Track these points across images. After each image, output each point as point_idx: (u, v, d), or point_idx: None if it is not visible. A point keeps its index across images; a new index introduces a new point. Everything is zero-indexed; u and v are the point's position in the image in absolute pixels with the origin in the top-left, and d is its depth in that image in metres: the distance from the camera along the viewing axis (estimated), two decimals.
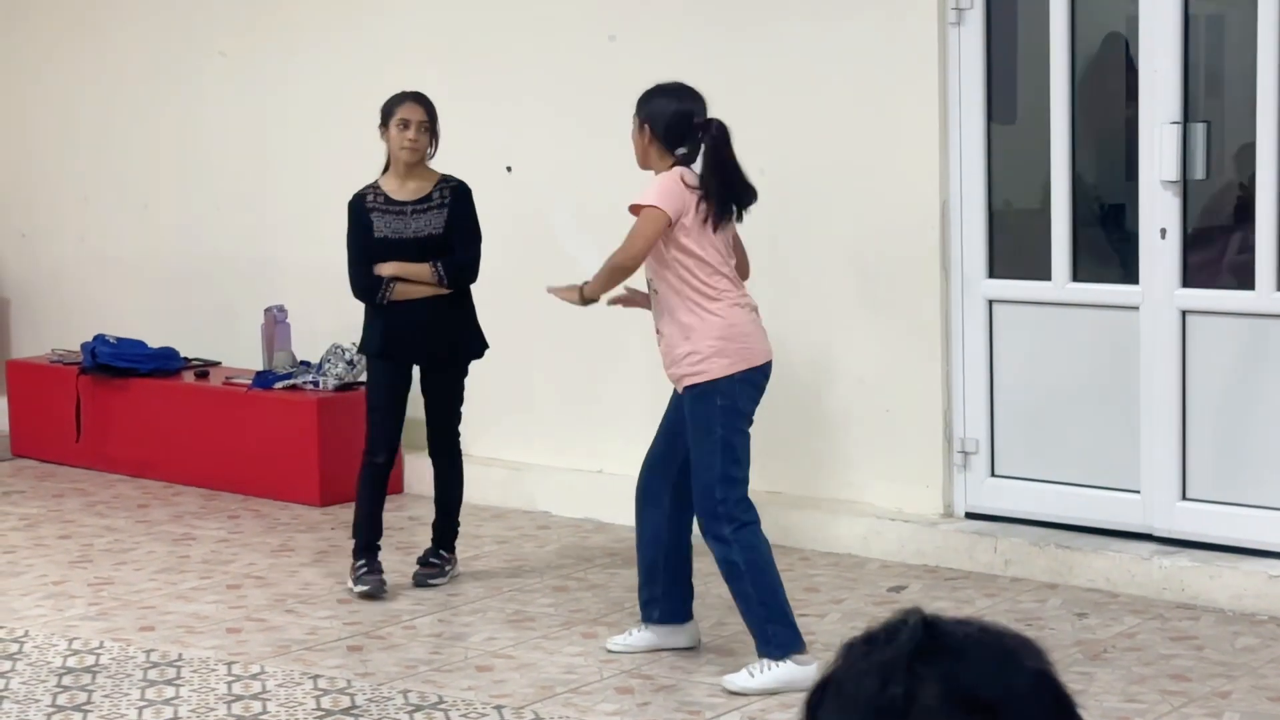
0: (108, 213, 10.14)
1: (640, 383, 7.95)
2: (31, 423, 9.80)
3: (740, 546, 5.96)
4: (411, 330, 6.99)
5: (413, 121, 6.98)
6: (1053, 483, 7.26)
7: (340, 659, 6.32)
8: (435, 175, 7.09)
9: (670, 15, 7.97)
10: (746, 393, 6.04)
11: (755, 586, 5.96)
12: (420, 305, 6.98)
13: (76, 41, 10.15)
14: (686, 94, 6.16)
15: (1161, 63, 6.85)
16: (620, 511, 8.03)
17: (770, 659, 5.94)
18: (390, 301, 6.97)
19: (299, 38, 9.25)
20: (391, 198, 7.03)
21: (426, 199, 7.03)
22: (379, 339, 7.05)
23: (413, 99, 7.04)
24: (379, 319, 7.04)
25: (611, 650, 6.35)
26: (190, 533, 8.18)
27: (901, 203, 7.43)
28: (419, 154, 7.01)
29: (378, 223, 7.00)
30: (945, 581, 7.10)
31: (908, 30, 7.35)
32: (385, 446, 7.12)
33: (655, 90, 6.20)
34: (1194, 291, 6.90)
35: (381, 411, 7.11)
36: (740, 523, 5.99)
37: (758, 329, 6.09)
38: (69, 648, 6.48)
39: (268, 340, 9.09)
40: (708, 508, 6.02)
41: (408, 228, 6.99)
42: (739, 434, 6.03)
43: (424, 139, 7.00)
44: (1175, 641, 6.33)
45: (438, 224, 7.00)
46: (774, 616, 5.96)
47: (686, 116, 6.09)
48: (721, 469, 5.98)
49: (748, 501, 6.06)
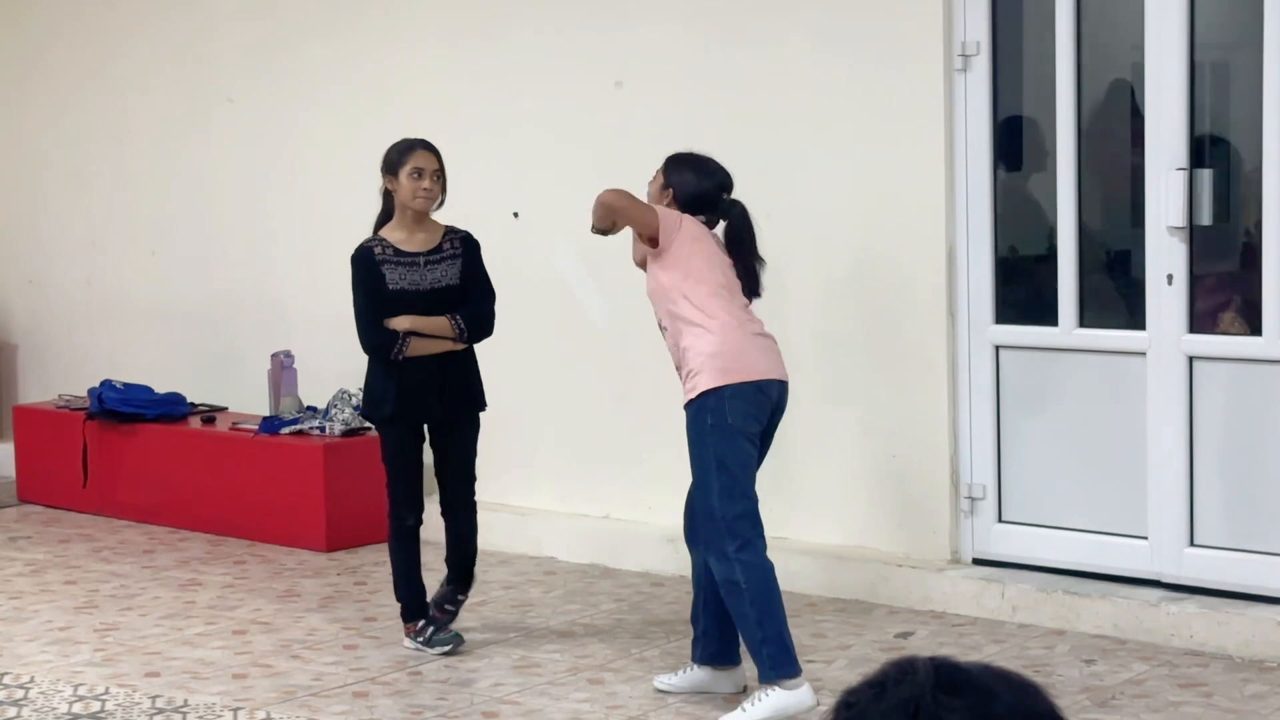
0: (115, 258, 10.16)
1: (646, 428, 7.95)
2: (38, 468, 9.80)
3: (742, 565, 5.96)
4: (425, 388, 6.78)
5: (427, 171, 6.80)
6: (1060, 529, 7.25)
7: (346, 705, 6.30)
8: (441, 226, 6.93)
9: (676, 61, 7.99)
10: (738, 408, 6.01)
11: (754, 606, 5.95)
12: (434, 362, 6.79)
13: (87, 89, 10.19)
14: (718, 172, 6.27)
15: (1167, 109, 6.87)
16: (627, 557, 8.03)
17: (763, 681, 5.94)
18: (404, 359, 6.77)
19: (307, 85, 9.28)
20: (401, 249, 6.81)
21: (438, 249, 6.85)
22: (392, 401, 6.79)
23: (423, 147, 6.86)
24: (390, 379, 6.78)
25: (658, 688, 6.37)
26: (196, 578, 8.17)
27: (908, 248, 7.44)
28: (431, 203, 6.84)
29: (390, 275, 6.79)
30: (952, 628, 7.08)
31: (914, 76, 7.37)
32: (413, 509, 6.93)
33: (686, 160, 6.29)
34: (1201, 337, 6.90)
35: (404, 478, 6.90)
36: (743, 540, 5.98)
37: (758, 350, 6.10)
38: (74, 694, 6.47)
39: (274, 385, 9.09)
40: (709, 525, 6.03)
41: (424, 279, 6.80)
42: (733, 449, 5.99)
43: (437, 188, 6.83)
44: (1184, 688, 6.30)
45: (454, 275, 6.84)
46: (769, 637, 5.95)
47: (712, 197, 6.23)
48: (718, 485, 5.98)
49: (753, 518, 6.04)
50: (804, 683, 5.97)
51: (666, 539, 7.95)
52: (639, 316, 7.18)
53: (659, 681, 6.42)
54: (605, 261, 7.98)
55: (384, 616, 7.44)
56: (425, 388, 6.79)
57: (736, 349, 6.04)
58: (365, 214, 9.09)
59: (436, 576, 7.12)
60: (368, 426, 8.79)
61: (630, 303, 6.93)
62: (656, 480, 8.01)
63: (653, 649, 6.93)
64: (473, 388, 6.94)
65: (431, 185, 6.81)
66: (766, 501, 6.56)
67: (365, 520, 8.67)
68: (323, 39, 9.21)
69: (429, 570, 7.04)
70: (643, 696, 6.36)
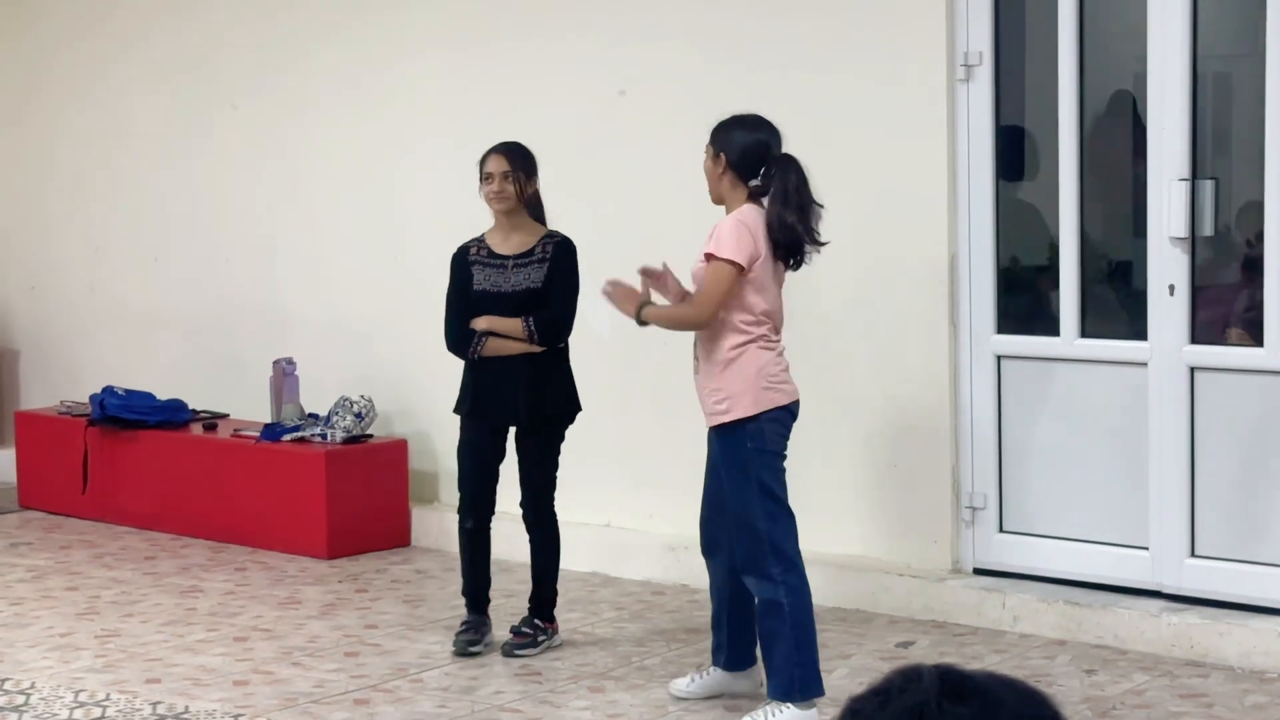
0: (118, 265, 10.17)
1: (648, 435, 7.95)
2: (39, 474, 9.80)
3: (787, 588, 5.96)
4: (502, 388, 6.81)
5: (495, 174, 6.83)
6: (1061, 539, 7.25)
7: (347, 712, 6.30)
8: (542, 230, 6.93)
9: (680, 70, 8.00)
10: (775, 431, 6.01)
11: (794, 630, 5.95)
12: (513, 362, 6.80)
13: (90, 95, 10.20)
14: (764, 126, 6.13)
15: (1170, 120, 6.87)
16: (628, 565, 8.03)
17: (779, 701, 5.95)
18: (483, 358, 6.82)
19: (311, 92, 9.29)
20: (494, 251, 6.89)
21: (529, 253, 6.86)
22: (469, 398, 6.89)
23: (495, 151, 6.89)
24: (471, 376, 6.90)
25: (674, 694, 6.39)
26: (197, 585, 8.17)
27: (910, 257, 7.45)
28: (507, 203, 6.84)
29: (478, 275, 6.86)
30: (953, 637, 7.08)
31: (917, 86, 7.37)
32: (474, 512, 6.96)
33: (732, 121, 6.16)
34: (1202, 348, 6.90)
35: (470, 476, 6.95)
36: (788, 563, 5.98)
37: (784, 371, 6.08)
38: (75, 700, 6.46)
39: (276, 392, 9.10)
40: (753, 546, 5.99)
41: (507, 281, 6.83)
42: (773, 472, 6.01)
43: (509, 188, 6.82)
44: (1184, 699, 6.30)
45: (537, 278, 6.83)
46: (804, 660, 5.96)
47: (763, 148, 6.07)
48: (762, 509, 5.97)
49: (794, 540, 6.04)
50: (814, 707, 5.99)
51: (668, 548, 7.96)
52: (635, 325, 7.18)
53: (674, 688, 6.42)
54: (609, 271, 7.98)
55: (385, 624, 7.45)
56: (504, 388, 6.82)
57: (770, 373, 6.01)
58: (366, 221, 9.12)
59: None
60: (369, 434, 8.81)
61: None
62: (658, 489, 8.01)
63: (654, 657, 6.93)
64: (555, 392, 6.88)
65: (501, 186, 6.83)
66: None
67: (367, 528, 8.69)
68: (326, 46, 9.22)
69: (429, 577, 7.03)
70: (644, 705, 6.36)
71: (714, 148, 6.13)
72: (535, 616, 7.03)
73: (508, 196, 6.84)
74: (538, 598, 7.06)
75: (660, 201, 7.99)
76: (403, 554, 8.69)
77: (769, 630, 6.01)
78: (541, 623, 7.03)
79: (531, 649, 6.96)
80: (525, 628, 7.01)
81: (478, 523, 6.99)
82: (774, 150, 6.09)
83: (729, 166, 6.07)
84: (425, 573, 8.31)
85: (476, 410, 6.90)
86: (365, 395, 8.84)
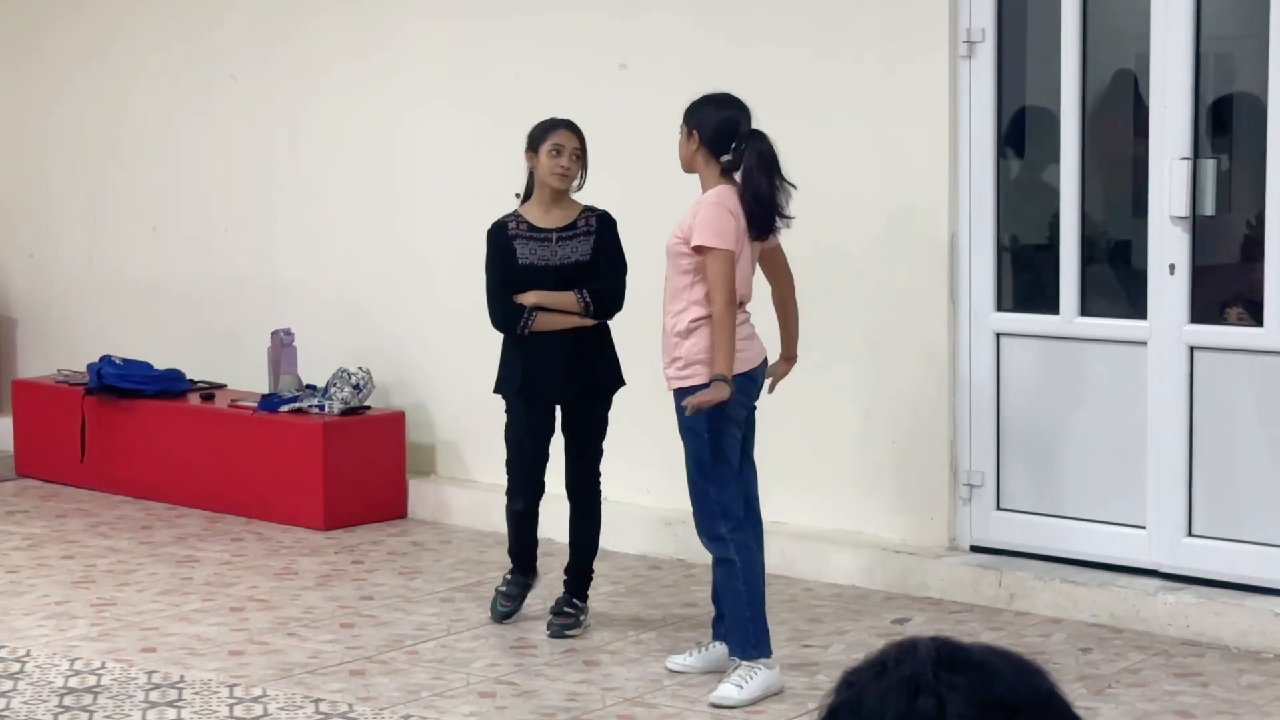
0: (116, 234, 10.15)
1: (644, 410, 7.94)
2: (36, 443, 9.80)
3: (736, 545, 6.17)
4: (553, 365, 6.74)
5: (566, 148, 6.76)
6: (1058, 517, 7.25)
7: (342, 683, 6.31)
8: (579, 205, 6.87)
9: (681, 44, 7.98)
10: (733, 399, 6.10)
11: (746, 585, 6.16)
12: (562, 337, 6.73)
13: (89, 64, 10.18)
14: (733, 104, 6.31)
15: (1172, 99, 6.86)
16: (624, 539, 8.03)
17: (747, 660, 6.11)
18: (532, 333, 6.73)
19: (310, 63, 9.27)
20: (535, 225, 6.80)
21: (572, 226, 6.81)
22: (519, 375, 6.77)
23: (565, 126, 6.82)
24: (517, 353, 6.77)
25: (671, 669, 6.43)
26: (193, 555, 8.17)
27: (910, 235, 7.44)
28: (569, 181, 6.79)
29: (521, 249, 6.76)
30: (949, 614, 7.08)
31: (919, 63, 7.36)
32: (523, 493, 6.89)
33: (704, 99, 6.34)
34: (1202, 327, 6.90)
35: (522, 456, 6.85)
36: (736, 521, 6.19)
37: (747, 340, 6.21)
38: (70, 668, 6.47)
39: (274, 363, 9.09)
40: (704, 510, 6.21)
41: (554, 255, 6.76)
42: (727, 438, 6.18)
43: (575, 167, 6.79)
44: (1180, 678, 6.31)
45: (584, 251, 6.78)
46: (756, 616, 6.18)
47: (733, 124, 6.24)
48: (713, 469, 6.16)
49: (752, 502, 6.33)
50: (777, 664, 6.22)
51: (664, 522, 7.96)
52: (638, 299, 7.16)
53: (672, 663, 6.46)
54: None
55: (381, 596, 7.45)
56: (553, 364, 6.75)
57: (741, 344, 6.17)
58: (365, 193, 9.10)
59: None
60: (367, 406, 8.80)
61: (635, 283, 6.91)
62: (654, 464, 8.00)
63: (649, 631, 6.94)
64: (605, 366, 6.86)
65: (570, 164, 6.78)
66: (765, 487, 6.57)
67: (363, 499, 8.69)
68: (326, 18, 9.20)
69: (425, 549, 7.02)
70: (639, 679, 6.36)
71: (687, 125, 6.31)
72: (574, 595, 6.96)
73: (572, 175, 6.81)
74: (577, 574, 6.98)
75: (660, 175, 7.97)
76: (399, 526, 8.69)
77: (724, 588, 6.23)
78: (580, 602, 6.96)
79: (576, 629, 6.88)
80: (567, 607, 6.92)
81: (528, 505, 6.93)
82: (743, 126, 6.26)
83: (701, 143, 6.24)
84: (421, 545, 8.31)
85: (527, 387, 6.79)
86: (363, 367, 8.83)
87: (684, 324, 6.16)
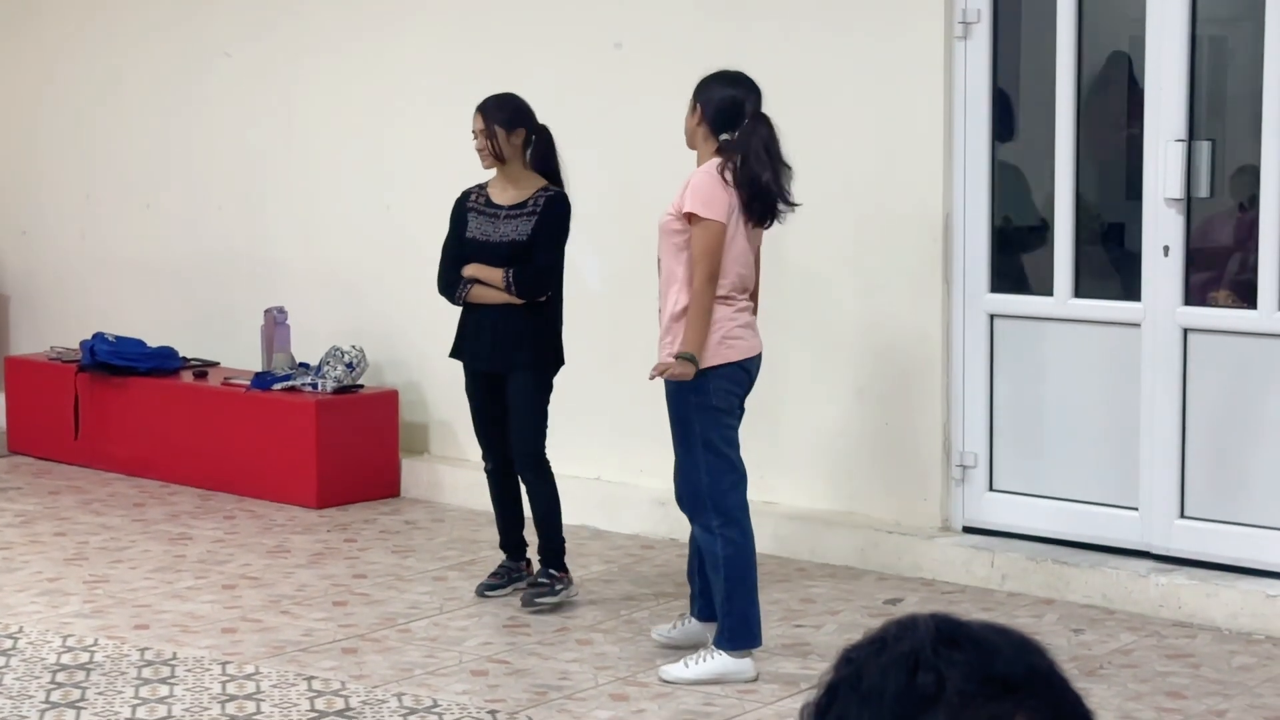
0: (110, 211, 10.13)
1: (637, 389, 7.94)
2: (29, 420, 9.79)
3: (724, 541, 6.09)
4: (480, 335, 6.96)
5: (475, 132, 6.96)
6: (1051, 498, 7.26)
7: (335, 661, 6.31)
8: (540, 184, 6.98)
9: (676, 24, 7.97)
10: (721, 388, 6.07)
11: (728, 581, 6.09)
12: (492, 310, 6.91)
13: (83, 41, 10.16)
14: (742, 83, 6.26)
15: (1167, 81, 6.86)
16: (616, 519, 8.04)
17: (718, 649, 6.09)
18: (468, 303, 6.95)
19: (304, 41, 9.25)
20: (492, 200, 7.01)
21: (521, 205, 6.94)
22: (456, 341, 7.10)
23: (477, 109, 7.00)
24: (460, 322, 7.08)
25: (655, 639, 6.46)
26: (186, 532, 8.17)
27: (904, 216, 7.43)
28: (487, 159, 6.96)
29: (472, 222, 6.99)
30: (941, 595, 7.09)
31: (914, 44, 7.35)
32: (488, 452, 7.12)
33: (714, 76, 6.30)
34: (1196, 309, 6.90)
35: (474, 417, 7.15)
36: (727, 517, 6.09)
37: (742, 329, 6.14)
38: (63, 645, 6.47)
39: (267, 341, 9.08)
40: (693, 499, 6.14)
41: (496, 231, 6.93)
42: (718, 427, 6.09)
43: (487, 144, 6.91)
44: (1171, 659, 6.32)
45: (524, 230, 6.89)
46: (734, 610, 6.08)
47: (737, 104, 6.17)
48: (705, 463, 6.08)
49: (739, 493, 6.14)
50: (751, 658, 6.12)
51: (657, 502, 7.96)
52: (633, 277, 7.17)
53: (656, 633, 6.50)
54: (600, 222, 7.98)
55: (374, 574, 7.45)
56: (481, 335, 6.96)
57: (725, 331, 6.08)
58: (359, 170, 9.09)
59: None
60: (360, 384, 8.80)
61: (624, 264, 6.92)
62: (648, 443, 8.00)
63: (642, 610, 6.94)
64: (526, 343, 6.91)
65: (482, 144, 6.95)
66: (758, 467, 6.58)
67: (356, 477, 8.69)
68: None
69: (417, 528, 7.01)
70: (631, 657, 6.37)
71: (694, 100, 6.27)
72: (548, 567, 7.04)
73: (485, 153, 6.96)
74: (542, 548, 7.07)
75: (655, 155, 7.96)
76: (392, 504, 8.69)
77: (712, 580, 6.16)
78: (556, 572, 7.03)
79: (550, 597, 6.95)
80: (541, 578, 7.02)
81: (495, 462, 7.11)
82: (748, 107, 6.18)
83: (703, 119, 6.19)
84: (414, 524, 8.31)
85: (457, 353, 7.08)
86: (356, 345, 8.83)
87: (679, 307, 6.08)
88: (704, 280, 6.01)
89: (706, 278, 6.01)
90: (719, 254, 6.03)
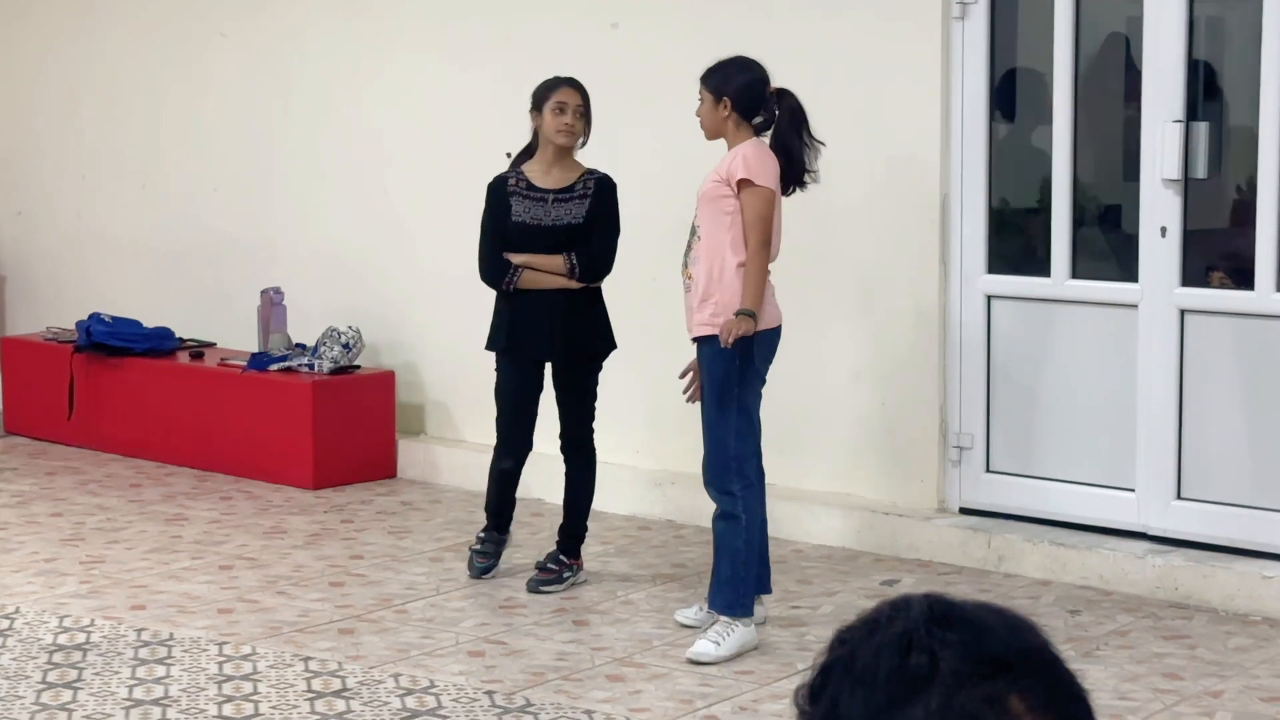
0: (106, 191, 10.12)
1: (636, 371, 7.94)
2: (25, 400, 9.78)
3: (745, 503, 6.19)
4: (539, 323, 6.78)
5: (569, 105, 6.77)
6: (1048, 479, 7.26)
7: (332, 641, 6.31)
8: (581, 167, 6.88)
9: (673, 4, 7.95)
10: (763, 353, 6.23)
11: (747, 544, 6.19)
12: (549, 297, 6.76)
13: (79, 20, 10.14)
14: (755, 65, 6.34)
15: (1165, 61, 6.85)
16: (614, 500, 8.03)
17: (731, 616, 6.15)
18: (517, 291, 6.77)
19: (301, 20, 9.24)
20: (534, 184, 6.82)
21: (570, 189, 6.82)
22: (505, 333, 6.84)
23: (569, 84, 6.82)
24: (506, 311, 6.84)
25: (680, 623, 6.46)
26: (182, 513, 8.17)
27: (901, 197, 7.43)
28: (574, 139, 6.81)
29: (516, 207, 6.81)
30: (938, 576, 7.09)
31: (911, 24, 7.34)
32: (511, 452, 6.95)
33: (725, 64, 6.33)
34: (1193, 290, 6.90)
35: (509, 412, 6.92)
36: (748, 480, 6.21)
37: (773, 297, 6.28)
38: (60, 625, 6.47)
39: (263, 322, 9.07)
40: (720, 461, 6.21)
41: (547, 215, 6.79)
42: (752, 393, 6.23)
43: (579, 124, 6.79)
44: (1168, 640, 6.32)
45: (578, 214, 6.79)
46: (747, 576, 6.21)
47: (761, 85, 6.29)
48: (736, 425, 6.18)
49: (758, 460, 6.29)
50: (753, 623, 6.25)
51: (654, 483, 7.96)
52: (632, 257, 7.16)
53: (681, 617, 6.49)
54: None
55: (370, 555, 7.45)
56: (538, 323, 6.79)
57: (766, 297, 6.21)
58: (357, 151, 9.08)
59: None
60: (356, 365, 8.79)
61: (624, 244, 6.90)
62: (644, 424, 8.01)
63: (638, 592, 6.94)
64: (591, 328, 6.85)
65: (574, 121, 6.80)
66: None
67: (353, 459, 8.68)
68: None
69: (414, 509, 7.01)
70: (628, 638, 6.37)
71: (714, 94, 6.28)
72: (562, 553, 6.99)
73: (577, 132, 6.83)
74: (568, 532, 7.01)
75: (651, 135, 7.96)
76: (388, 485, 8.69)
77: (722, 543, 6.23)
78: (567, 559, 6.99)
79: (557, 585, 6.92)
80: (551, 564, 6.97)
81: (515, 463, 6.98)
82: (770, 86, 6.32)
83: (734, 109, 6.24)
84: (410, 504, 8.31)
85: (513, 344, 6.85)
86: (353, 326, 8.82)
87: (727, 269, 6.13)
88: (758, 244, 6.13)
89: (760, 242, 6.14)
90: (771, 220, 6.17)
